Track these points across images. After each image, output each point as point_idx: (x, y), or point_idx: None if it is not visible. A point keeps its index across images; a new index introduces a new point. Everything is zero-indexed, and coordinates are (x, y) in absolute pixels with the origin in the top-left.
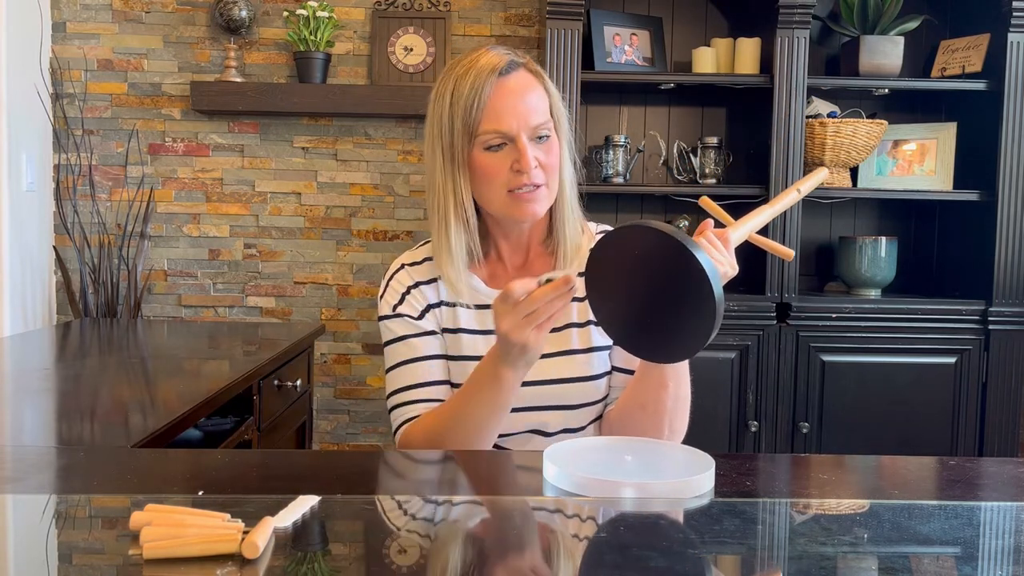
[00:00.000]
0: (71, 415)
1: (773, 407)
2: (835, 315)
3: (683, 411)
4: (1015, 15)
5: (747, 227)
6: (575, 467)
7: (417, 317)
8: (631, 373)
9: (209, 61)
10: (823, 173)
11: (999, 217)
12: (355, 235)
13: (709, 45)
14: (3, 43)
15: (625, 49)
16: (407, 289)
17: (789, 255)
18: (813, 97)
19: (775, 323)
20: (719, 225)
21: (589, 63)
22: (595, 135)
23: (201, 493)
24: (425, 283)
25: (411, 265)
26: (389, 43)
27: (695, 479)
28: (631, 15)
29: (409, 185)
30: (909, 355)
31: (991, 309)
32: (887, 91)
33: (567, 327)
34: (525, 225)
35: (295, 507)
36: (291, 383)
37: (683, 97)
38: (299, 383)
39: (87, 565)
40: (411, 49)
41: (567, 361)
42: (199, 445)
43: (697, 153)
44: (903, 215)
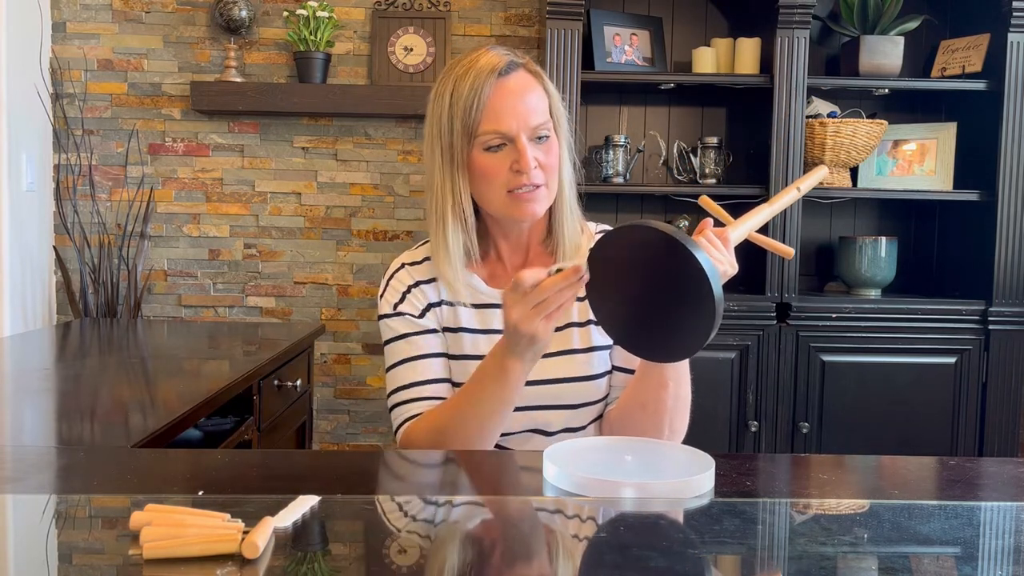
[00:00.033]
0: (71, 415)
1: (773, 407)
2: (835, 315)
3: (683, 411)
4: (1015, 15)
5: (747, 226)
6: (575, 467)
7: (418, 315)
8: (631, 372)
9: (209, 61)
10: (822, 171)
11: (999, 217)
12: (355, 235)
13: (709, 45)
14: (3, 43)
15: (625, 49)
16: (408, 288)
17: (789, 253)
18: (813, 97)
19: (775, 323)
20: (719, 224)
21: (589, 63)
22: (595, 135)
23: (201, 493)
24: (425, 282)
25: (411, 264)
26: (389, 43)
27: (695, 479)
28: (631, 15)
29: (409, 185)
30: (909, 355)
31: (991, 309)
32: (887, 91)
33: (568, 327)
34: (525, 225)
35: (295, 507)
36: (291, 383)
37: (683, 97)
38: (299, 383)
39: (87, 565)
40: (411, 49)
41: (567, 361)
42: (199, 445)
43: (697, 153)
44: (903, 215)
